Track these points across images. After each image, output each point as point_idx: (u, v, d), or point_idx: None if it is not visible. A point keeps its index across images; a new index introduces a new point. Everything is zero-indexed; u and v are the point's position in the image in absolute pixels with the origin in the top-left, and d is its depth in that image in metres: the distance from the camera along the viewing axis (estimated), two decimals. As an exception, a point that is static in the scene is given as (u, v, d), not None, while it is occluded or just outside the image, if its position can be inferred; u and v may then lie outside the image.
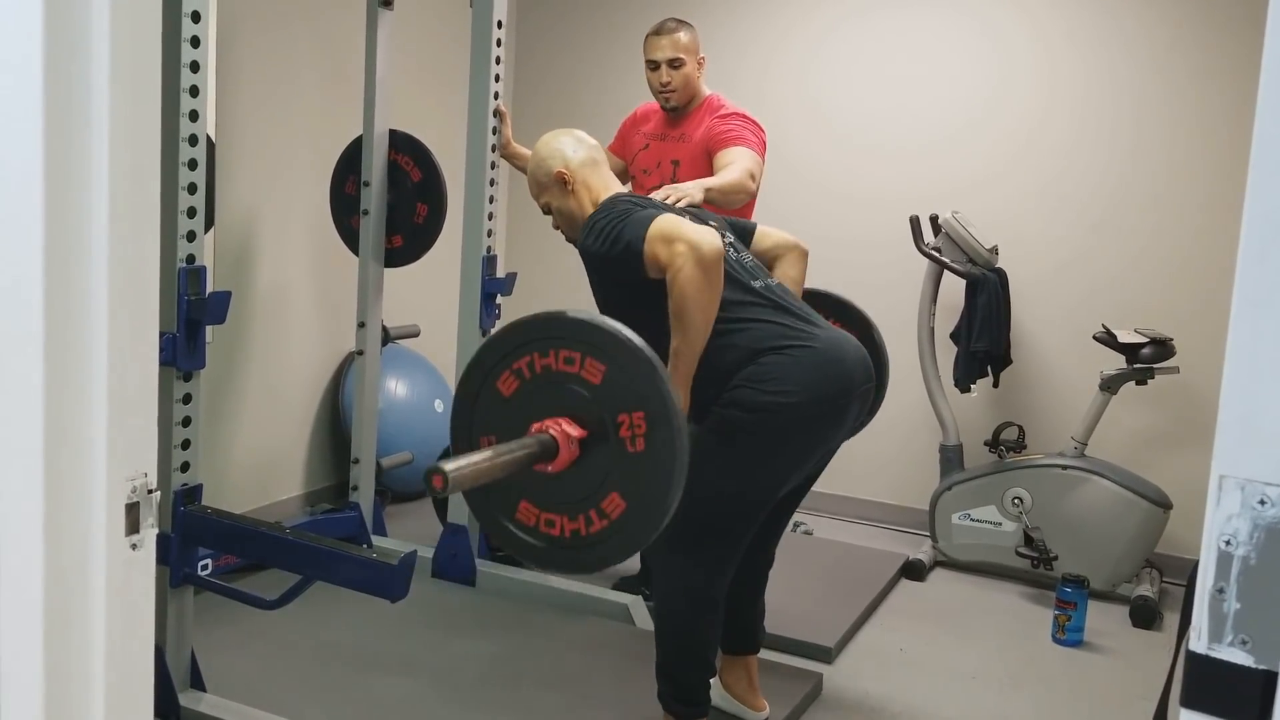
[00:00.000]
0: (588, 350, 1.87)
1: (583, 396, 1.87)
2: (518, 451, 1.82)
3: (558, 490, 1.92)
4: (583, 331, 1.89)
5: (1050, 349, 4.39)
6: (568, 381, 1.89)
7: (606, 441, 1.87)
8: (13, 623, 1.11)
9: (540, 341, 1.91)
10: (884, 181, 4.61)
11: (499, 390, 1.95)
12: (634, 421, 1.85)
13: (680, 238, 2.25)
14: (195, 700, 2.64)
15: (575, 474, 1.89)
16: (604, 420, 1.86)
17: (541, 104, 5.18)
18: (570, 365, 1.88)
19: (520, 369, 1.93)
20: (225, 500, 3.72)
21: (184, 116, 2.45)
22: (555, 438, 1.86)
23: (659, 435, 1.84)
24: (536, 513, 1.95)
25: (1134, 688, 3.21)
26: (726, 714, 2.76)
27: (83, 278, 1.05)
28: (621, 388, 1.85)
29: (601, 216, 2.45)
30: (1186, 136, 4.12)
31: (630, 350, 1.86)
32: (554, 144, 2.64)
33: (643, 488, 1.86)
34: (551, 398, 1.90)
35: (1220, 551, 0.82)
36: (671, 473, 1.85)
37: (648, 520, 1.88)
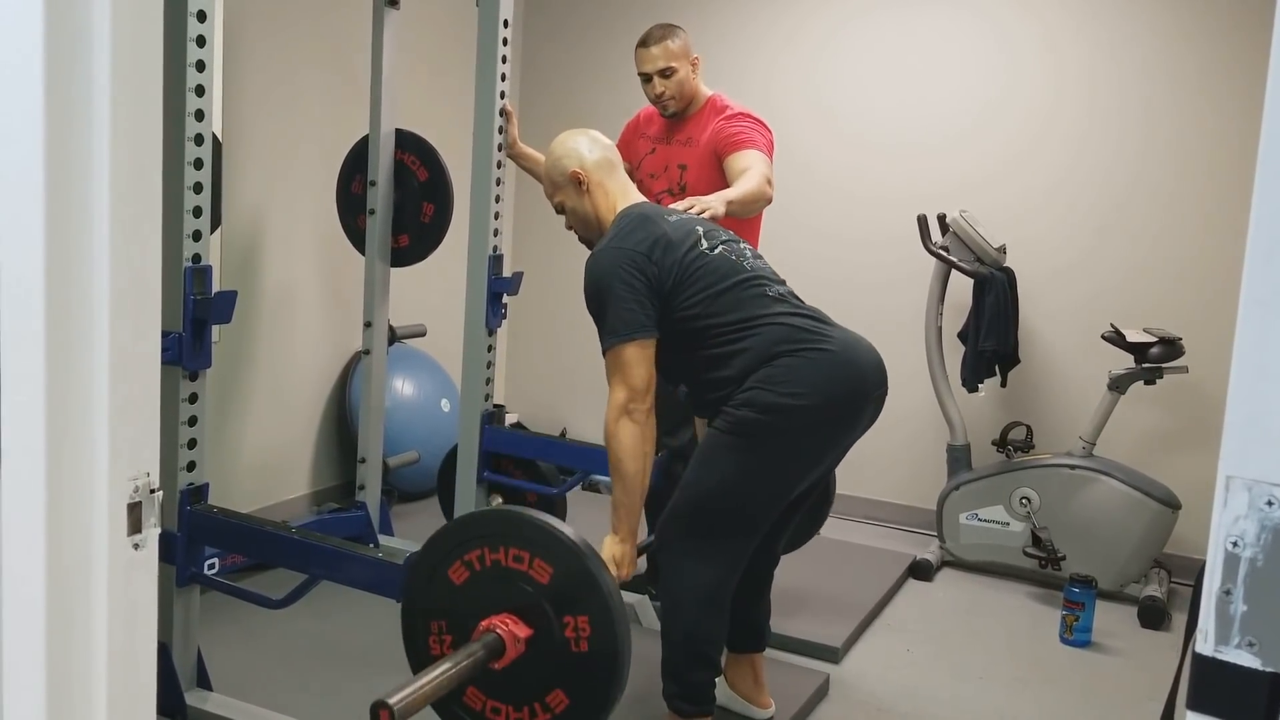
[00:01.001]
0: (535, 550, 1.95)
1: (530, 594, 1.95)
2: (464, 661, 1.90)
3: (504, 682, 1.99)
4: (533, 532, 1.97)
5: (1058, 348, 4.38)
6: (516, 578, 1.96)
7: (552, 641, 1.95)
8: (15, 622, 1.10)
9: (492, 537, 1.99)
10: (892, 180, 4.60)
11: (450, 578, 2.03)
12: (579, 624, 1.93)
13: (627, 382, 2.35)
14: (201, 699, 2.65)
15: (521, 668, 1.96)
16: (550, 619, 1.94)
17: (548, 103, 5.17)
18: (519, 563, 1.96)
19: (471, 560, 2.01)
20: (232, 500, 3.72)
21: (190, 116, 2.45)
22: (502, 637, 1.94)
23: (602, 640, 1.92)
24: (483, 699, 2.03)
25: (1142, 688, 3.20)
26: (732, 713, 2.76)
27: (84, 277, 1.05)
28: (566, 590, 1.94)
29: (601, 275, 2.43)
30: (1195, 135, 4.11)
31: (575, 557, 1.93)
32: (569, 143, 2.63)
33: (586, 686, 1.95)
34: (501, 590, 1.97)
35: (1227, 553, 0.81)
36: (612, 676, 1.93)
37: (589, 717, 1.96)
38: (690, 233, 2.49)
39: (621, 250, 2.43)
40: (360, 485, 3.85)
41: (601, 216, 2.58)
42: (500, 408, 3.64)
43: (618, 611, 1.92)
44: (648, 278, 2.40)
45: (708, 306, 2.40)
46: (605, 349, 2.40)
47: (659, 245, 2.43)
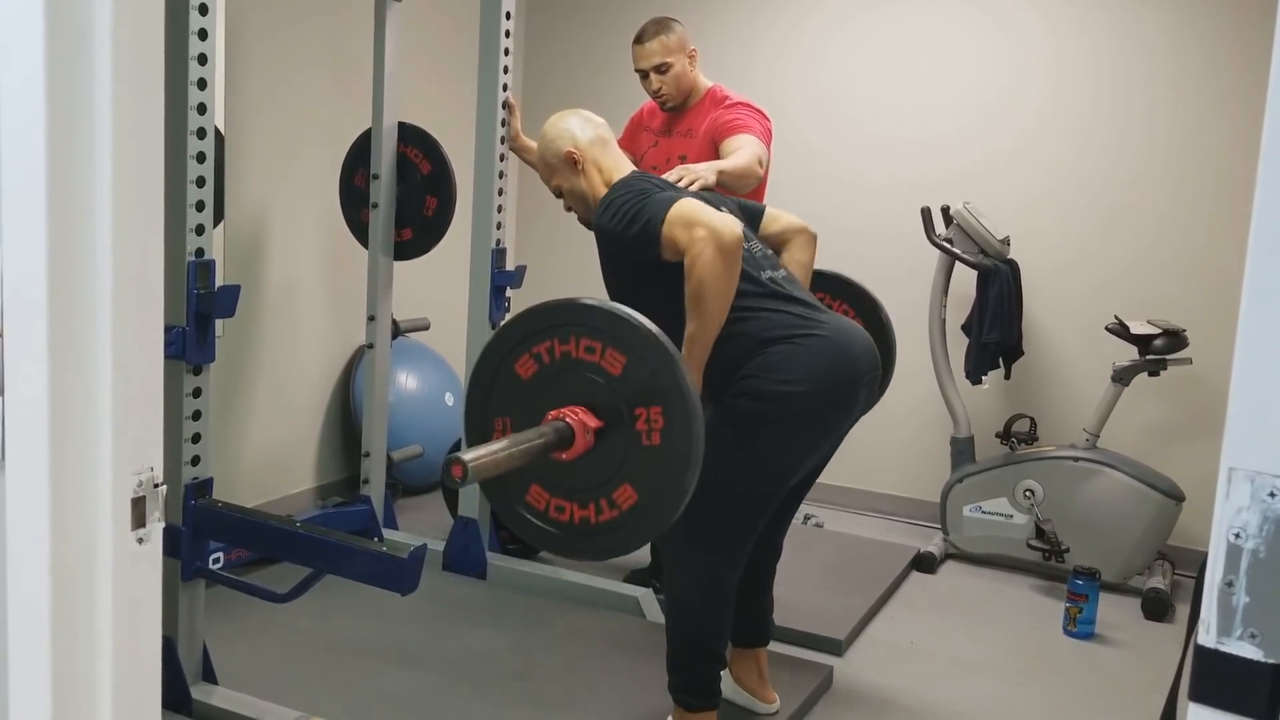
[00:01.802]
0: (609, 341, 1.87)
1: (601, 386, 1.87)
2: (535, 441, 1.82)
3: (570, 477, 1.91)
4: (606, 321, 1.89)
5: (1062, 340, 4.37)
6: (587, 370, 1.88)
7: (622, 433, 1.86)
8: (20, 617, 1.11)
9: (563, 327, 1.91)
10: (895, 173, 4.59)
11: (517, 372, 1.94)
12: (651, 416, 1.85)
13: (701, 223, 2.23)
14: (207, 693, 2.65)
15: (589, 463, 1.88)
16: (621, 412, 1.86)
17: (551, 96, 5.17)
18: (591, 354, 1.88)
19: (540, 353, 1.92)
20: (236, 494, 3.73)
21: (192, 109, 2.45)
22: (572, 426, 1.86)
23: (676, 430, 1.83)
24: (547, 498, 1.95)
25: (1146, 680, 3.20)
26: (737, 706, 2.76)
27: (87, 271, 1.06)
28: (641, 381, 1.85)
29: (619, 195, 2.43)
30: (1200, 126, 4.09)
31: (652, 344, 1.85)
32: (561, 124, 2.63)
33: (656, 481, 1.86)
34: (570, 385, 1.89)
35: (1229, 544, 0.81)
36: (686, 468, 1.85)
37: (659, 513, 1.88)
38: None
39: (626, 183, 2.47)
40: (364, 479, 3.86)
41: (598, 193, 2.56)
42: (504, 401, 3.63)
43: (692, 401, 1.84)
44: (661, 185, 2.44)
45: None
46: (661, 221, 2.28)
47: (661, 183, 2.47)
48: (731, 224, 2.25)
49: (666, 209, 2.30)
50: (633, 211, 2.36)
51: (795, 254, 2.71)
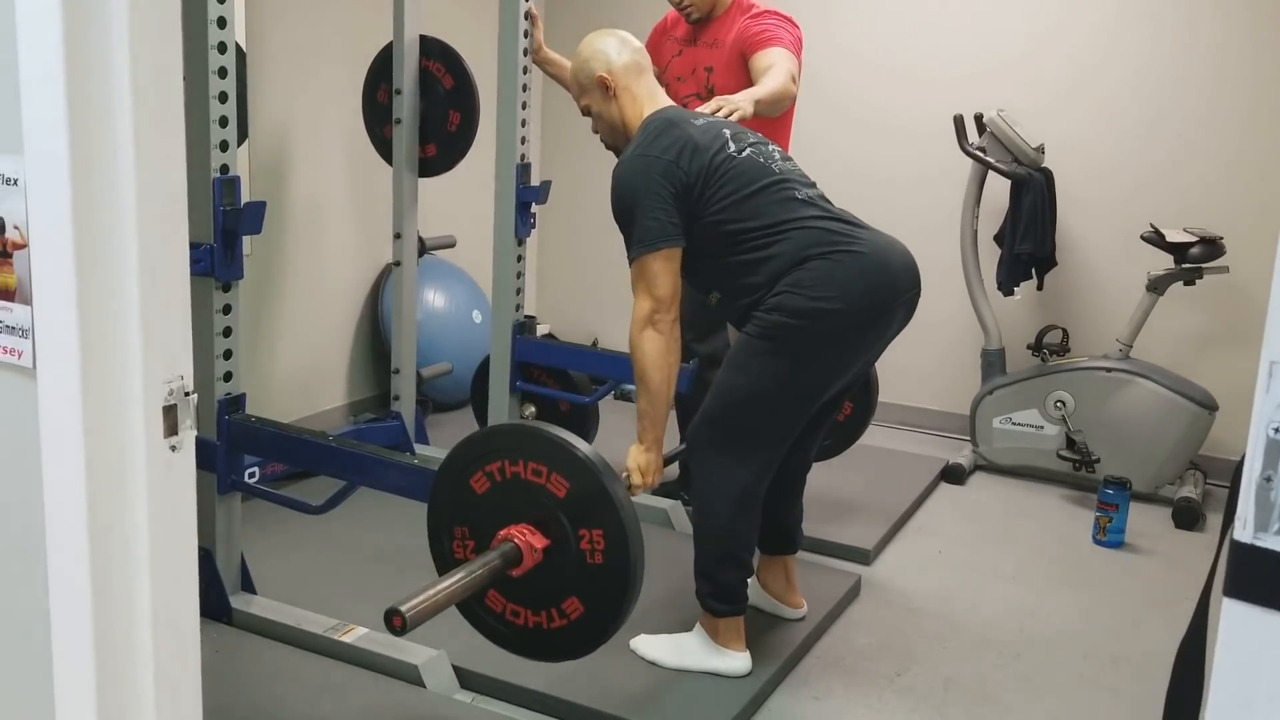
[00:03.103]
0: (553, 466, 1.98)
1: (548, 507, 1.99)
2: (478, 571, 1.95)
3: (523, 588, 2.05)
4: (550, 448, 2.00)
5: (1096, 250, 4.31)
6: (535, 490, 2.00)
7: (568, 552, 1.99)
8: (57, 524, 1.13)
9: (513, 450, 2.03)
10: (929, 63, 4.47)
11: (472, 487, 2.07)
12: (593, 537, 1.98)
13: (652, 293, 2.34)
14: (246, 602, 2.71)
15: (540, 575, 2.02)
16: (567, 531, 1.99)
17: (575, 7, 5.07)
18: (538, 477, 2.00)
19: (492, 472, 2.05)
20: (270, 410, 3.76)
21: (212, 23, 2.42)
22: (520, 547, 1.98)
23: (615, 554, 1.96)
24: (504, 602, 2.09)
25: (1175, 588, 3.21)
26: (764, 612, 2.80)
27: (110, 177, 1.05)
28: (584, 504, 1.97)
29: (628, 181, 2.40)
30: (1238, 27, 3.96)
31: (591, 472, 1.96)
32: (597, 45, 2.57)
33: (599, 596, 2.00)
34: (520, 502, 2.02)
35: (1269, 439, 0.80)
36: (625, 589, 1.98)
37: (604, 625, 2.03)
38: (718, 136, 2.44)
39: (648, 157, 2.38)
40: (395, 396, 3.89)
41: (628, 122, 2.53)
42: (531, 318, 3.64)
43: (631, 528, 1.97)
44: (675, 184, 2.36)
45: (736, 211, 2.37)
46: (631, 259, 2.38)
47: (686, 150, 2.38)
48: (672, 305, 2.35)
49: (644, 250, 2.34)
50: (631, 209, 2.37)
51: None
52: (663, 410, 2.39)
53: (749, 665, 2.53)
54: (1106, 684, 2.69)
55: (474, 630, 2.55)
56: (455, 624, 2.71)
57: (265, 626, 2.65)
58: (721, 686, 2.49)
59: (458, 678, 2.51)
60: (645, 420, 2.40)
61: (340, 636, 2.57)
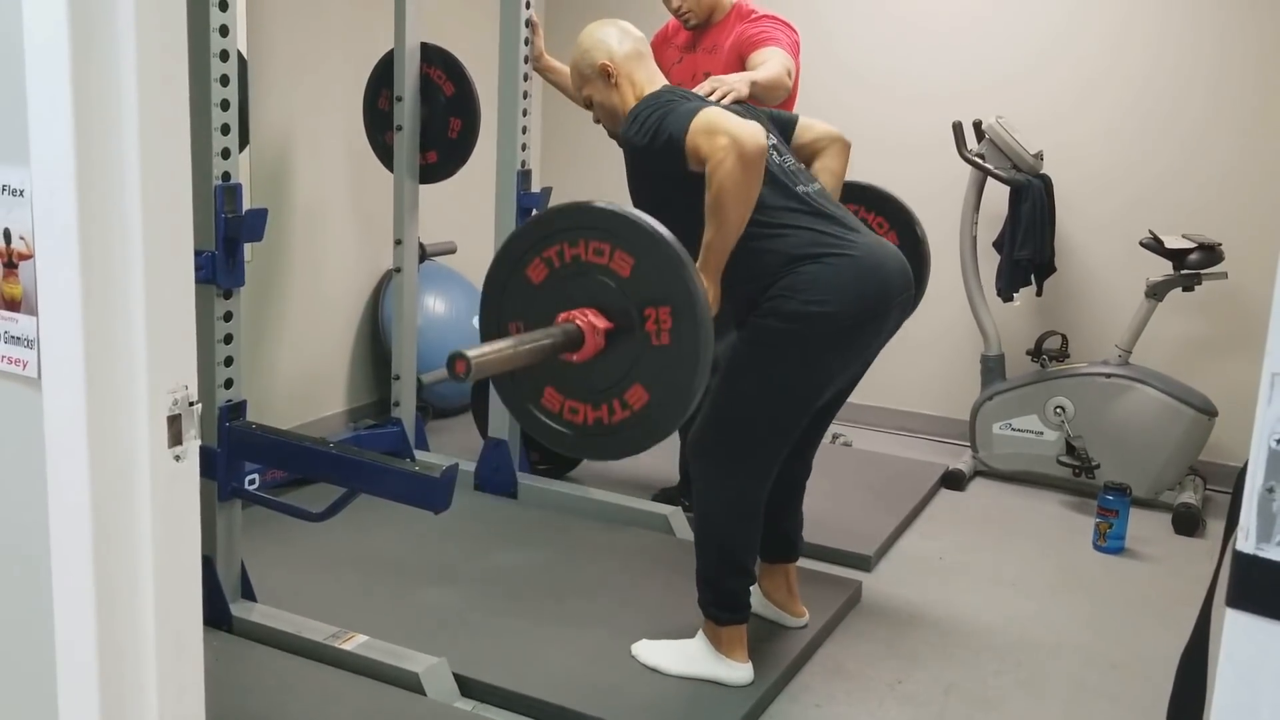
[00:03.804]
0: (617, 242, 1.87)
1: (610, 288, 1.88)
2: (542, 340, 1.84)
3: (582, 379, 1.93)
4: (613, 223, 1.89)
5: (1096, 256, 4.31)
6: (596, 272, 1.89)
7: (632, 334, 1.88)
8: (61, 533, 1.13)
9: (571, 231, 1.91)
10: (926, 79, 4.49)
11: (529, 277, 1.95)
12: (660, 316, 1.86)
13: (723, 130, 2.20)
14: (246, 610, 2.71)
15: (600, 364, 1.90)
16: (630, 313, 1.87)
17: (574, 14, 5.07)
18: (600, 256, 1.89)
19: (550, 257, 1.93)
20: (270, 417, 3.77)
21: (214, 32, 2.43)
22: (581, 328, 1.87)
23: (684, 330, 1.84)
24: (561, 400, 1.97)
25: (1175, 594, 3.21)
26: (766, 620, 2.80)
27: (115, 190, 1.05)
28: (649, 281, 1.86)
29: (644, 108, 2.40)
30: (1237, 37, 3.97)
31: (659, 244, 1.85)
32: (598, 34, 2.58)
33: (666, 380, 1.88)
34: (580, 287, 1.90)
35: (1271, 450, 0.80)
36: (695, 367, 1.86)
37: (670, 412, 1.89)
38: None
39: (655, 95, 2.44)
40: (395, 402, 3.89)
41: (629, 108, 2.52)
42: (531, 324, 3.63)
43: (700, 300, 1.86)
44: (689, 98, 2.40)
45: None
46: (685, 130, 2.25)
47: (691, 96, 2.43)
48: (755, 131, 2.21)
49: (690, 119, 2.27)
50: (657, 123, 2.33)
51: (828, 162, 2.66)
52: (730, 244, 2.25)
53: (750, 676, 2.53)
54: (1107, 690, 2.69)
55: (473, 638, 2.55)
56: (456, 632, 2.72)
57: (266, 634, 2.65)
58: (723, 694, 2.49)
59: (459, 686, 2.51)
60: (710, 251, 2.24)
61: (341, 644, 2.57)
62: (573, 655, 2.64)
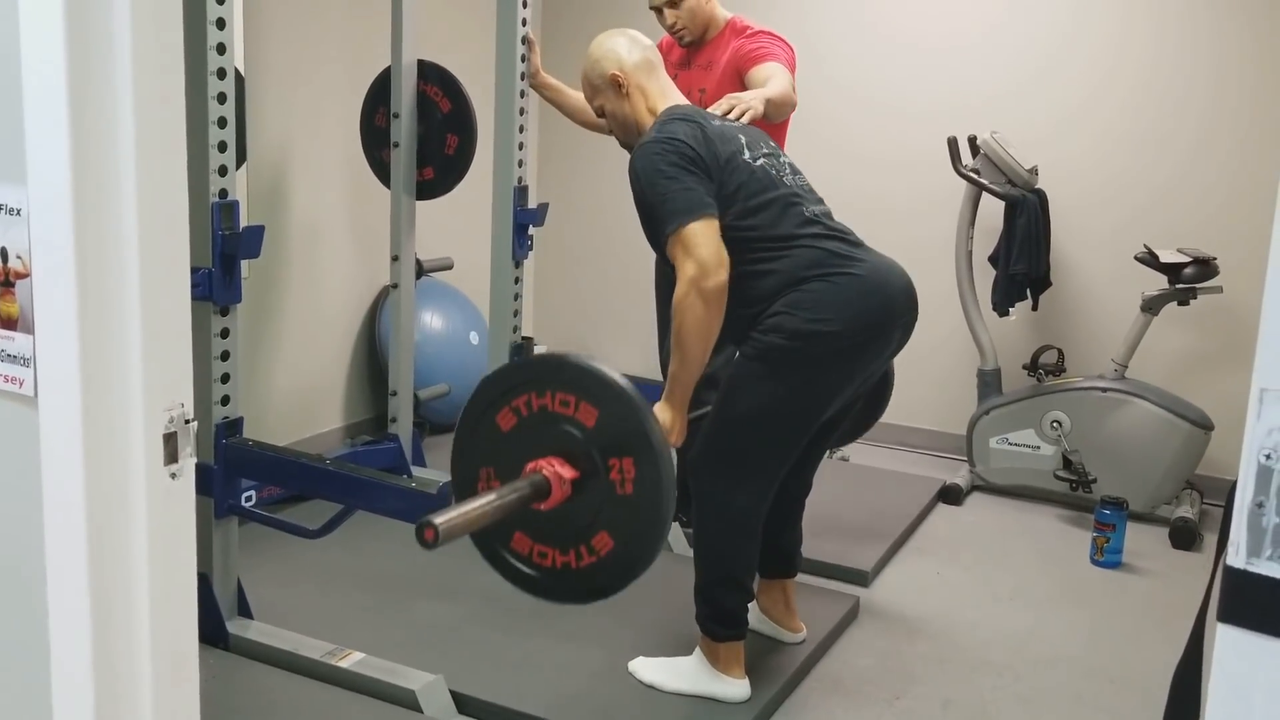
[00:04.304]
0: (582, 395, 1.94)
1: (576, 438, 1.94)
2: (509, 496, 1.90)
3: (550, 525, 2.00)
4: (578, 376, 1.96)
5: (1091, 270, 4.32)
6: (562, 422, 1.96)
7: (597, 483, 1.94)
8: (57, 552, 1.13)
9: (538, 382, 1.99)
10: (921, 97, 4.51)
11: (498, 424, 2.03)
12: (624, 466, 1.92)
13: (695, 257, 2.25)
14: (243, 627, 2.71)
15: (567, 512, 1.96)
16: (596, 462, 1.94)
17: (571, 32, 5.10)
18: (565, 407, 1.95)
19: (519, 406, 2.00)
20: (266, 433, 3.77)
21: (211, 49, 2.44)
22: (548, 478, 1.93)
23: (647, 481, 1.91)
24: (530, 543, 2.04)
25: (1173, 608, 3.20)
26: (764, 636, 2.79)
27: (111, 209, 1.06)
28: (613, 433, 1.92)
29: (653, 161, 2.35)
30: (1233, 51, 4.00)
31: (622, 399, 1.92)
32: (608, 44, 2.58)
33: (631, 529, 1.94)
34: (547, 436, 1.97)
35: (1260, 465, 0.81)
36: (658, 518, 1.92)
37: (635, 559, 1.97)
38: (733, 139, 2.45)
39: (667, 140, 2.37)
40: (392, 418, 3.89)
41: (641, 119, 2.53)
42: (529, 339, 3.65)
43: (663, 453, 1.89)
44: (698, 164, 2.35)
45: (744, 217, 2.36)
46: (668, 234, 2.30)
47: (704, 138, 2.39)
48: (720, 266, 2.26)
49: (679, 223, 2.28)
50: (658, 195, 2.32)
51: None
52: (694, 376, 2.31)
53: (748, 693, 2.52)
54: (1105, 705, 2.68)
55: (470, 655, 2.55)
56: (452, 649, 2.72)
57: (262, 652, 2.64)
58: (720, 710, 2.49)
59: (455, 703, 2.50)
60: (675, 383, 2.32)
61: (337, 662, 2.57)
62: (570, 672, 2.64)
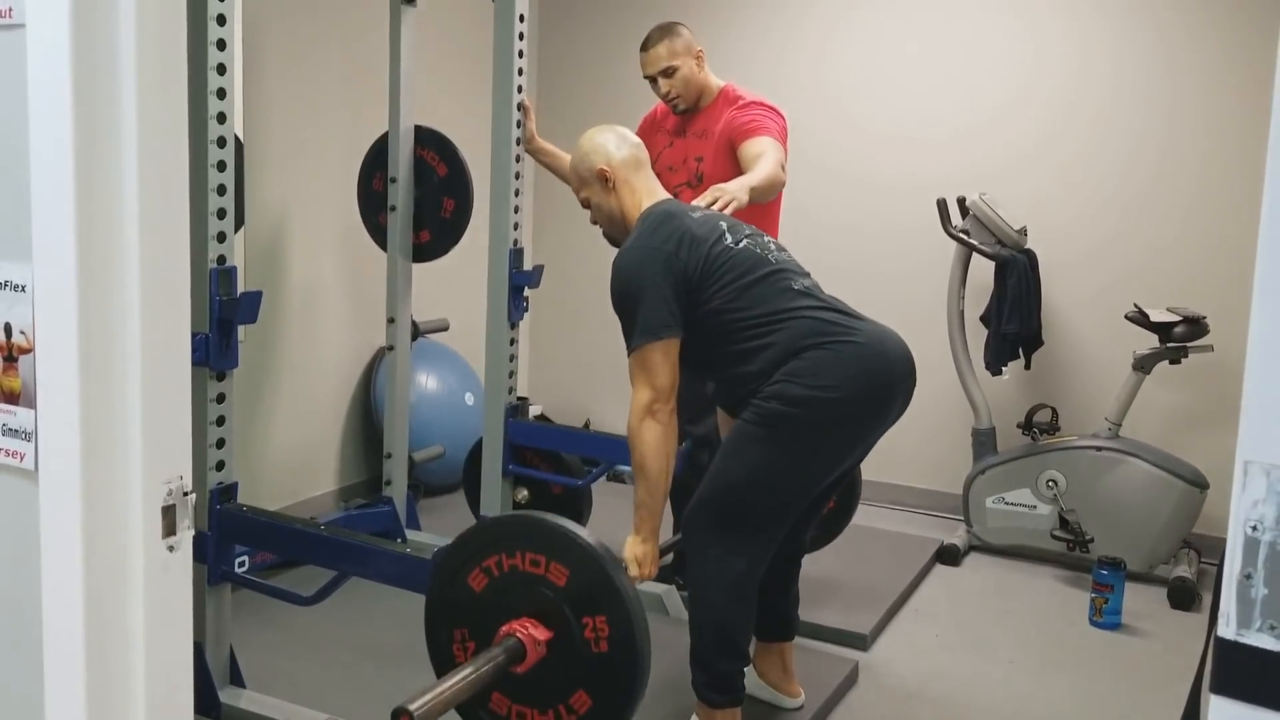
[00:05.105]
0: (551, 555, 1.96)
1: (548, 597, 1.96)
2: (484, 666, 1.91)
3: (527, 686, 2.00)
4: (548, 536, 1.98)
5: (1082, 329, 4.36)
6: (534, 582, 1.97)
7: (572, 642, 1.96)
8: (55, 624, 1.13)
9: (508, 542, 2.00)
10: (911, 167, 4.58)
11: (470, 585, 2.05)
12: (597, 624, 1.94)
13: (652, 384, 2.35)
14: (235, 696, 2.68)
15: (544, 671, 1.97)
16: (569, 621, 1.95)
17: (565, 97, 5.18)
18: (535, 567, 1.98)
19: (489, 567, 2.02)
20: (260, 497, 3.76)
21: (211, 118, 2.47)
22: (522, 641, 1.95)
23: (620, 639, 1.93)
24: (508, 704, 2.04)
25: (1173, 670, 3.18)
26: (762, 702, 2.77)
27: (115, 284, 1.07)
28: (584, 590, 1.94)
29: (629, 272, 2.43)
30: (1220, 115, 4.06)
31: (590, 558, 1.94)
32: (597, 140, 2.64)
33: (607, 687, 1.95)
34: (519, 596, 1.99)
35: (1247, 537, 0.82)
36: (634, 676, 1.93)
37: (613, 717, 1.96)
38: (715, 228, 2.49)
39: (648, 249, 2.42)
40: (386, 480, 3.88)
41: (627, 214, 2.59)
42: (524, 400, 3.65)
43: (635, 610, 1.93)
44: (675, 275, 2.39)
45: (733, 300, 2.40)
46: (631, 349, 2.40)
47: (685, 241, 2.42)
48: (670, 395, 2.36)
49: (642, 341, 2.37)
50: (633, 298, 2.40)
51: None
52: (660, 500, 2.40)
53: (745, 758, 2.50)
54: (1106, 770, 2.66)
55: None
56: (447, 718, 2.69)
57: (255, 720, 2.62)
58: (717, 777, 2.46)
59: (450, 771, 2.47)
60: (643, 510, 2.40)
61: (331, 729, 2.54)
62: (566, 739, 2.61)
